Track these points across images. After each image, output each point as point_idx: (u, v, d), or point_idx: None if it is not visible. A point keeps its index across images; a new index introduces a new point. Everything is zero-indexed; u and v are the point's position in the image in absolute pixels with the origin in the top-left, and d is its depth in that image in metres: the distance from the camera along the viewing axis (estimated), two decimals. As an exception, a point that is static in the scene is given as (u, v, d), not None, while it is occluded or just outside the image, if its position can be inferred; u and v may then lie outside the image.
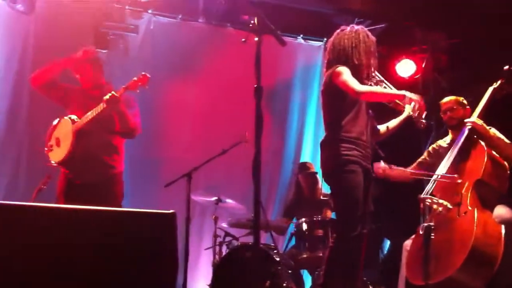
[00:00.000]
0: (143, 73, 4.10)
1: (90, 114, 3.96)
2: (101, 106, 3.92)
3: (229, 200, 5.09)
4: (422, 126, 3.44)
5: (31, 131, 5.35)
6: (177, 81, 6.09)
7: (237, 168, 5.66)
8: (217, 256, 4.86)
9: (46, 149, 4.10)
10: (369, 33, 3.62)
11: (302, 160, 6.12)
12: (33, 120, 5.35)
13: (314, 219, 4.76)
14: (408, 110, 3.50)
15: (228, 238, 4.94)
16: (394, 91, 3.52)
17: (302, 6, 6.29)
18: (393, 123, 3.75)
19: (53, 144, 4.07)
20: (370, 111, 3.60)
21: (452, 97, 4.30)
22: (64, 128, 4.04)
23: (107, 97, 3.90)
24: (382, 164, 3.85)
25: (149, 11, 6.21)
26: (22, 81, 5.52)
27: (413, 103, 3.37)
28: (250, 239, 5.25)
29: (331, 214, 5.02)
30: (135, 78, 4.05)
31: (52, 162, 4.06)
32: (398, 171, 4.02)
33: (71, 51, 4.49)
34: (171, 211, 2.05)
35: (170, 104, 5.95)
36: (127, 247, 1.90)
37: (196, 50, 6.28)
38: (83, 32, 5.81)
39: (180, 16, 6.33)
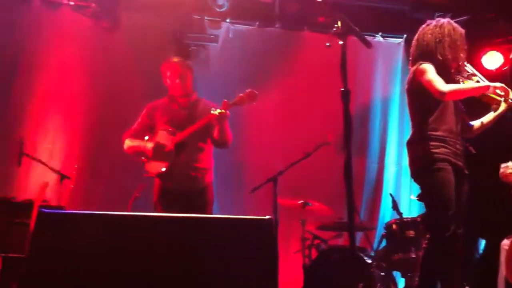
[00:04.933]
0: (249, 89, 4.13)
1: (192, 127, 4.05)
2: (204, 120, 4.02)
3: (315, 203, 5.09)
4: None
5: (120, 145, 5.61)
6: (257, 87, 6.14)
7: (321, 170, 5.67)
8: (306, 259, 4.87)
9: (142, 160, 4.24)
10: (456, 26, 3.50)
11: (387, 159, 6.05)
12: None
13: (405, 219, 4.67)
14: (503, 104, 3.36)
15: (316, 241, 4.93)
16: (478, 84, 3.38)
17: (379, 4, 6.22)
18: (488, 117, 3.59)
19: (150, 156, 4.20)
20: (462, 106, 3.49)
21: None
22: (162, 139, 4.17)
23: (215, 112, 3.97)
24: None
25: (227, 20, 6.34)
26: (109, 98, 5.83)
27: (500, 92, 3.26)
28: (339, 241, 5.24)
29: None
30: (242, 94, 4.08)
31: (150, 173, 4.20)
32: None
33: (155, 64, 4.68)
34: (267, 217, 2.09)
35: (251, 110, 6.03)
36: (230, 253, 1.95)
37: (274, 55, 6.36)
38: (165, 45, 6.05)
39: (257, 23, 6.42)
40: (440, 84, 3.23)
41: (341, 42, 2.72)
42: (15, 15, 5.79)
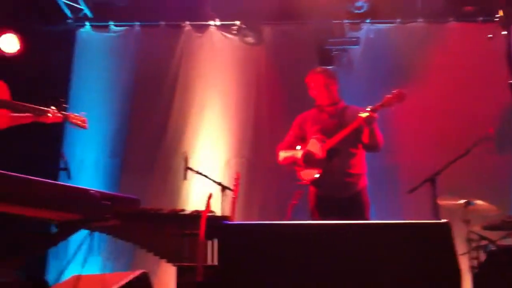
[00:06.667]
0: (396, 89, 4.02)
1: (341, 133, 4.09)
2: (353, 125, 4.03)
3: (479, 202, 4.83)
4: None
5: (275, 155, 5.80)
6: (404, 85, 6.00)
7: (482, 167, 5.37)
8: (474, 262, 4.62)
9: (296, 169, 4.35)
10: None
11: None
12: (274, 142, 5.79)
13: None
14: None
15: (483, 242, 4.66)
16: None
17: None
18: None
19: (302, 164, 4.29)
20: None
21: None
22: (312, 148, 4.25)
23: (363, 115, 3.96)
24: None
25: (367, 21, 6.28)
26: (261, 111, 6.07)
27: None
28: (509, 242, 4.91)
29: None
30: (389, 95, 4.01)
31: (304, 181, 4.29)
32: None
33: (299, 75, 4.77)
34: (444, 220, 2.04)
35: (401, 109, 5.89)
36: (409, 258, 1.94)
37: (420, 51, 6.15)
38: (308, 53, 6.14)
39: (398, 20, 6.28)
40: None
41: (504, 32, 2.56)
42: (171, 41, 6.32)
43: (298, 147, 4.35)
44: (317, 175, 4.14)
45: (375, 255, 1.97)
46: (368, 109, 3.98)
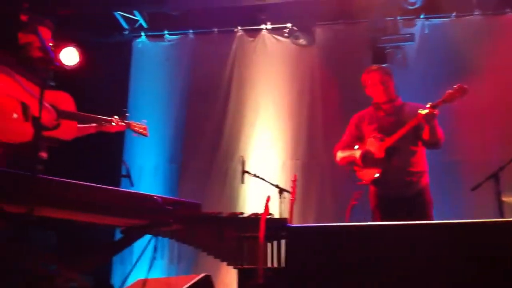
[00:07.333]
0: (458, 84, 3.94)
1: (400, 131, 4.04)
2: (413, 122, 3.97)
3: (548, 198, 4.64)
4: None
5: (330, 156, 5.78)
6: (461, 80, 5.86)
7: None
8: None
9: (354, 169, 4.32)
10: None
11: None
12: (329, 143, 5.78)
13: None
14: None
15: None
16: None
17: None
18: None
19: (360, 164, 4.26)
20: None
21: None
22: (371, 147, 4.21)
23: (423, 112, 3.89)
24: None
25: (421, 16, 6.17)
26: (315, 113, 6.07)
27: None
28: None
29: None
30: (450, 90, 3.92)
31: (363, 181, 4.26)
32: None
33: (353, 73, 4.73)
34: (512, 219, 1.98)
35: (461, 104, 5.76)
36: (479, 260, 1.89)
37: (477, 44, 5.98)
38: (361, 52, 6.09)
39: (453, 14, 6.13)
40: None
41: None
42: (224, 47, 6.43)
43: (356, 147, 4.32)
44: (377, 175, 4.10)
45: (442, 256, 1.93)
46: (428, 105, 3.91)
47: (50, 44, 3.07)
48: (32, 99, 3.43)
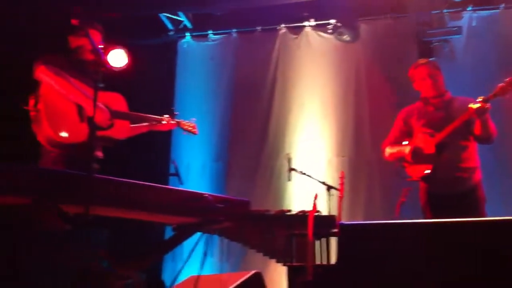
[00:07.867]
0: (510, 77, 3.81)
1: (450, 126, 3.97)
2: (464, 117, 3.89)
3: None
4: None
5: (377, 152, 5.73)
6: (512, 73, 5.73)
7: None
8: None
9: (404, 165, 4.26)
10: None
11: None
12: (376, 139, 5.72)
13: None
14: None
15: None
16: None
17: None
18: None
19: (409, 160, 4.20)
20: None
21: None
22: (420, 143, 4.15)
23: (474, 106, 3.80)
24: None
25: (468, 8, 6.03)
26: (361, 109, 6.02)
27: None
28: None
29: None
30: (502, 84, 3.81)
31: (413, 177, 4.20)
32: None
33: (400, 69, 4.66)
34: None
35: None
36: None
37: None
38: (406, 47, 6.00)
39: (502, 5, 5.97)
40: None
41: None
42: (268, 45, 6.45)
43: (405, 143, 4.26)
44: (427, 171, 4.03)
45: (497, 254, 1.89)
46: (480, 99, 3.82)
47: (101, 46, 3.15)
48: (87, 100, 3.53)
